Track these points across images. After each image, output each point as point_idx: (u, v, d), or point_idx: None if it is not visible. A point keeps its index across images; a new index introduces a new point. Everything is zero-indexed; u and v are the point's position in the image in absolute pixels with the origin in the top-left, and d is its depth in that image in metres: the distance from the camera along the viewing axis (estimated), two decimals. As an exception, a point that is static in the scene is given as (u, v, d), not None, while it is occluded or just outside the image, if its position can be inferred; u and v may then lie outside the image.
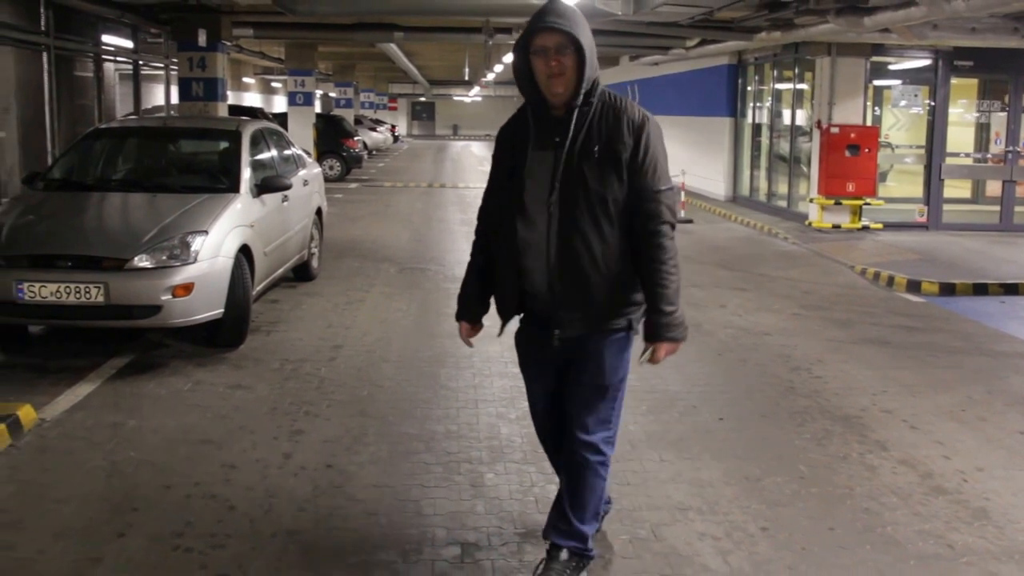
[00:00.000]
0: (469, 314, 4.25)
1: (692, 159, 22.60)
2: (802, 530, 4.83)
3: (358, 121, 37.09)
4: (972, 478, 5.58)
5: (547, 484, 5.22)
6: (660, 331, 3.86)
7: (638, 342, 4.01)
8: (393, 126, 50.21)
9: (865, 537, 4.77)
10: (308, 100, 26.22)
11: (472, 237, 4.27)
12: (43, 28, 13.06)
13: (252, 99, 41.82)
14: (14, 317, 7.36)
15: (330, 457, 5.57)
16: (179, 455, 5.59)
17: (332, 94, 41.58)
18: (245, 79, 41.25)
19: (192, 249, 7.32)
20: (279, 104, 46.06)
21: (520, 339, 4.21)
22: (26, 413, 6.00)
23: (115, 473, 5.33)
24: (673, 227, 3.89)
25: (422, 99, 71.63)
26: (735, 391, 7.17)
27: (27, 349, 7.95)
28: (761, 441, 6.11)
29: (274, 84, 48.55)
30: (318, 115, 27.73)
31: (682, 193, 18.68)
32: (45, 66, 13.20)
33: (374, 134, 39.71)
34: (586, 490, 4.06)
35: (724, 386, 7.28)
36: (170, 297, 7.11)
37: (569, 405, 4.07)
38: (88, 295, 7.00)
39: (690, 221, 17.63)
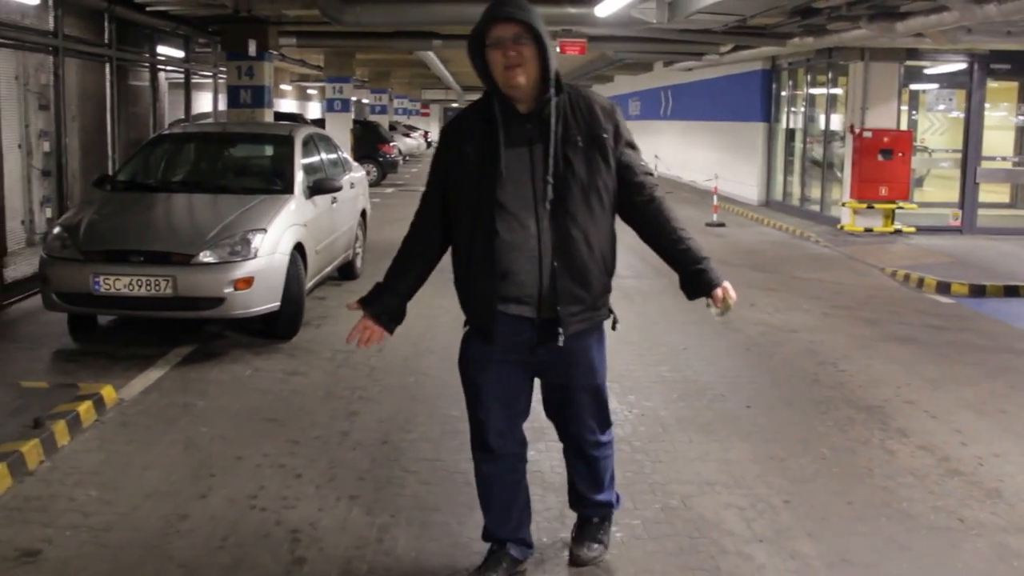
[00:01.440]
0: (378, 304, 3.96)
1: (725, 164, 22.88)
2: (822, 504, 5.20)
3: (392, 127, 37.66)
4: (988, 463, 5.88)
5: (586, 460, 5.66)
6: (712, 277, 3.91)
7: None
8: (426, 132, 50.78)
9: (881, 511, 5.13)
10: (346, 106, 26.74)
11: None
12: (106, 41, 13.65)
13: (288, 105, 42.37)
14: (90, 308, 7.94)
15: (385, 435, 6.03)
16: (247, 431, 6.10)
17: (365, 100, 42.13)
18: (282, 86, 41.89)
19: (252, 246, 7.81)
20: (313, 110, 46.76)
21: (477, 347, 3.89)
22: (108, 393, 6.55)
23: (191, 446, 5.85)
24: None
25: (454, 105, 72.14)
26: (762, 382, 7.53)
27: (97, 338, 8.50)
28: (786, 426, 6.48)
29: (309, 91, 49.19)
30: (355, 121, 28.24)
31: (715, 197, 19.00)
32: (107, 76, 13.78)
33: (408, 140, 40.24)
34: (602, 473, 4.25)
35: (752, 377, 7.64)
36: (232, 290, 7.61)
37: (565, 413, 4.08)
38: (158, 288, 7.52)
39: (722, 224, 17.95)
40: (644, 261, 13.25)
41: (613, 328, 3.99)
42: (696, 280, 3.93)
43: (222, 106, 19.69)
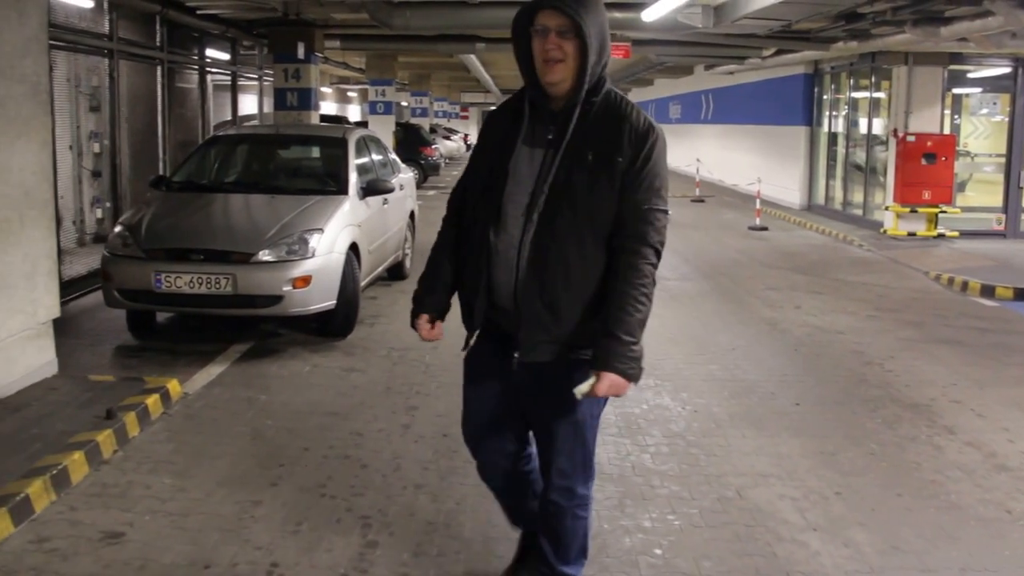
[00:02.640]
0: (431, 305, 3.65)
1: (767, 167, 22.89)
2: (872, 495, 5.33)
3: (432, 130, 37.88)
4: (1035, 459, 5.99)
5: (641, 454, 5.86)
6: (610, 359, 3.25)
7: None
8: (465, 135, 50.98)
9: (930, 503, 5.25)
10: (388, 109, 26.98)
11: None
12: (158, 43, 13.92)
13: (328, 108, 42.77)
14: (152, 305, 8.15)
15: (445, 428, 6.18)
16: (311, 424, 6.27)
17: (405, 103, 42.43)
18: (322, 88, 42.24)
19: (310, 245, 7.99)
20: (353, 113, 47.09)
21: (472, 354, 3.71)
22: (173, 387, 6.75)
23: (258, 437, 6.04)
24: (658, 255, 3.39)
25: (493, 108, 72.26)
26: (810, 381, 7.62)
27: (155, 334, 8.73)
28: (835, 423, 6.58)
29: (349, 93, 49.55)
30: (398, 124, 28.47)
31: (757, 201, 19.05)
32: (158, 78, 14.06)
33: (448, 143, 40.48)
34: (566, 535, 3.73)
35: (800, 376, 7.73)
36: (290, 288, 7.79)
37: (539, 446, 3.70)
38: (218, 285, 7.71)
39: (765, 228, 18.00)
40: (688, 263, 13.38)
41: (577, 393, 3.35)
42: (599, 350, 3.29)
43: (267, 108, 19.98)
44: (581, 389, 3.30)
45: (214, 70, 17.55)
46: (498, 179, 3.40)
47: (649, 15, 13.19)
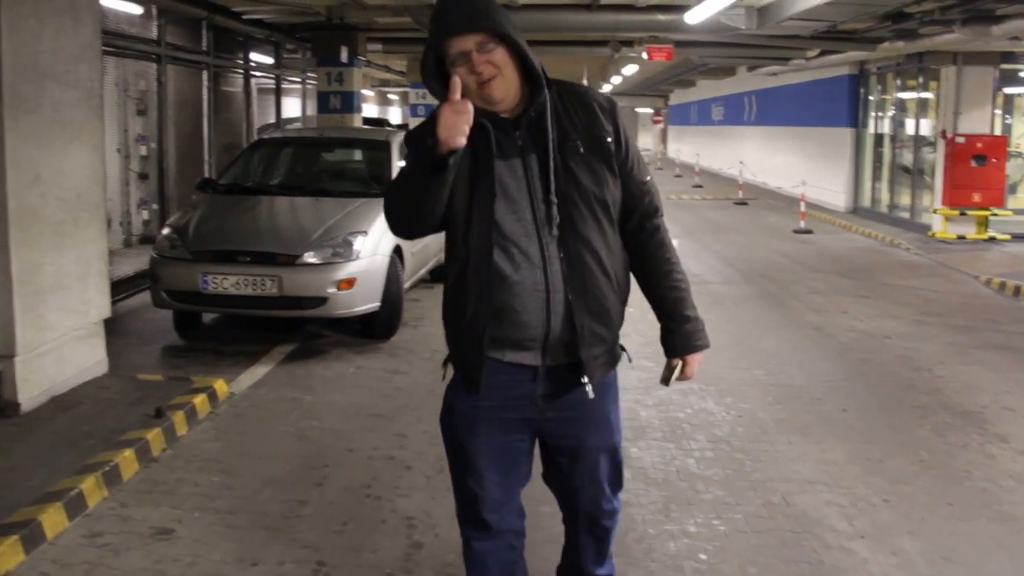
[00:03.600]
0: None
1: (811, 170, 22.73)
2: (921, 504, 5.27)
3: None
4: (1092, 469, 5.90)
5: (686, 458, 5.84)
6: (692, 340, 3.22)
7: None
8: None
9: (982, 512, 5.18)
10: (429, 111, 27.00)
11: None
12: (204, 48, 14.08)
13: (369, 110, 42.89)
14: (199, 306, 8.26)
15: (489, 431, 6.19)
16: (355, 425, 6.32)
17: (444, 105, 42.50)
18: (364, 91, 42.42)
19: (354, 248, 8.05)
20: (394, 115, 47.28)
21: (466, 401, 3.16)
22: (220, 386, 6.85)
23: (303, 437, 6.10)
24: None
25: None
26: (857, 387, 7.56)
27: (202, 335, 8.84)
28: (883, 429, 6.53)
29: (390, 96, 49.71)
30: (439, 126, 28.46)
31: (802, 203, 18.94)
32: (204, 83, 14.22)
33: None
34: (609, 543, 3.53)
35: (847, 382, 7.67)
36: (335, 290, 7.85)
37: (577, 480, 3.30)
38: (264, 287, 7.79)
39: (810, 231, 17.89)
40: (731, 267, 13.33)
41: (629, 361, 3.36)
42: (676, 336, 3.23)
43: (310, 111, 20.14)
44: (674, 378, 3.24)
45: (258, 74, 17.73)
46: (485, 199, 2.99)
47: (692, 17, 13.14)
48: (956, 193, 16.48)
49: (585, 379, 3.06)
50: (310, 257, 7.92)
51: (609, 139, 3.06)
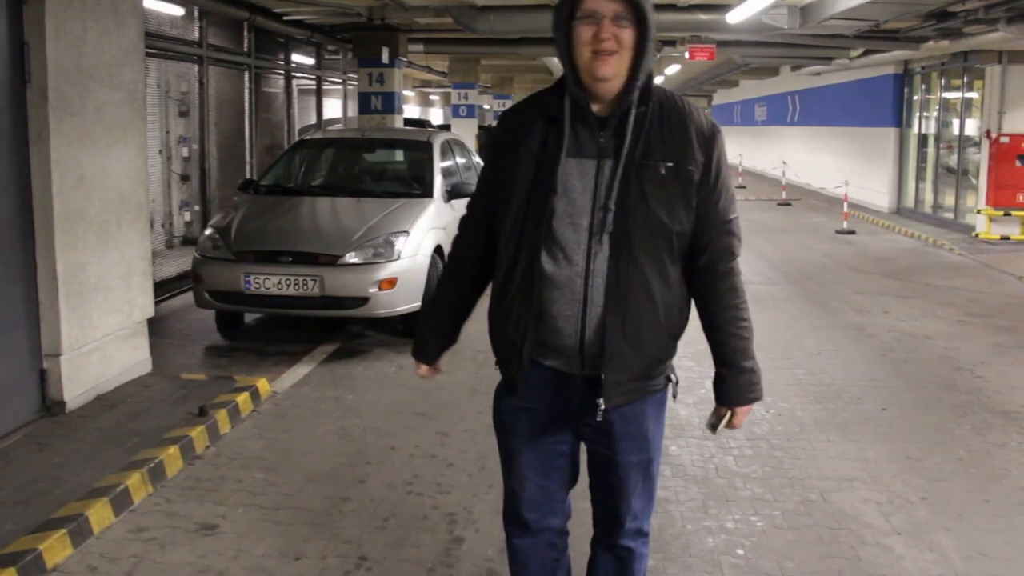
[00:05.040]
0: (427, 353, 3.42)
1: (854, 170, 22.61)
2: (959, 501, 5.26)
3: (514, 132, 37.83)
4: None
5: (725, 456, 5.86)
6: (744, 392, 3.05)
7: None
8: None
9: (1019, 509, 5.17)
10: (471, 112, 27.13)
11: None
12: (246, 49, 14.22)
13: (410, 111, 43.14)
14: (241, 306, 8.34)
15: (530, 430, 6.23)
16: (397, 424, 6.37)
17: (487, 106, 42.62)
18: (405, 92, 42.62)
19: (396, 248, 8.10)
20: (435, 116, 47.47)
21: (508, 403, 3.11)
22: (263, 385, 6.94)
23: (345, 435, 6.16)
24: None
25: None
26: (897, 386, 7.53)
27: (244, 335, 8.94)
28: (922, 428, 6.51)
29: (432, 96, 49.93)
30: (480, 127, 28.61)
31: (845, 204, 18.84)
32: (246, 83, 14.36)
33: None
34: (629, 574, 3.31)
35: (887, 382, 7.64)
36: (377, 290, 7.91)
37: (605, 491, 3.18)
38: (306, 287, 7.86)
39: (853, 232, 17.79)
40: (774, 267, 13.29)
41: (674, 398, 3.14)
42: (728, 386, 3.06)
43: (351, 112, 20.26)
44: (719, 428, 3.11)
45: (299, 75, 17.85)
46: (543, 197, 2.83)
47: (734, 17, 13.12)
48: (1000, 193, 16.36)
49: (600, 401, 2.87)
50: (352, 257, 7.99)
51: (692, 168, 2.83)
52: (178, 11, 12.00)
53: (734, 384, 3.04)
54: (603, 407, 2.88)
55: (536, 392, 2.98)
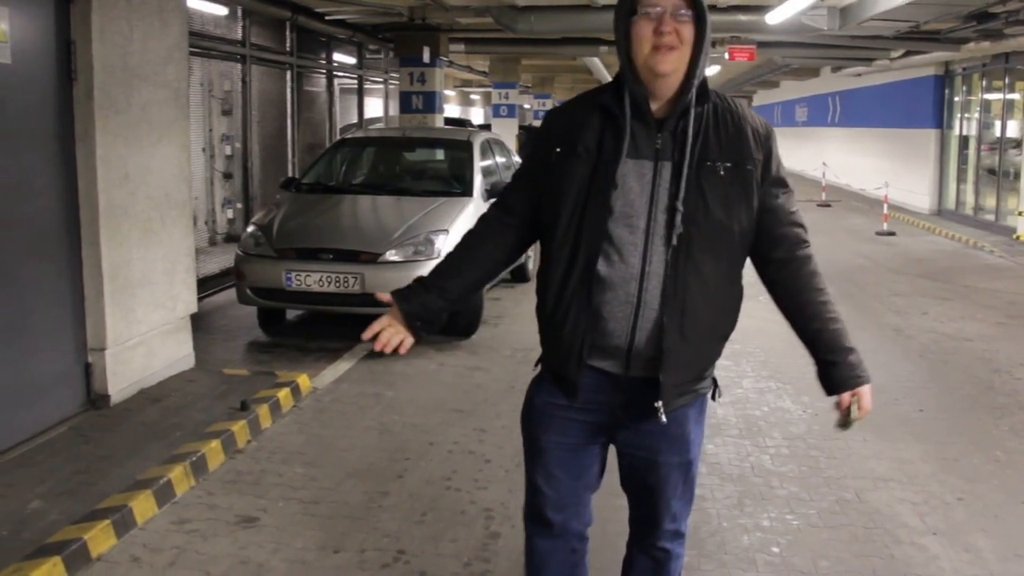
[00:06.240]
0: (410, 298, 3.05)
1: (894, 171, 22.48)
2: (996, 502, 5.25)
3: (555, 132, 37.82)
4: None
5: (761, 455, 5.88)
6: (858, 370, 3.00)
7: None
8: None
9: (1059, 512, 5.16)
10: (511, 112, 27.14)
11: None
12: (288, 48, 14.36)
13: (451, 110, 43.22)
14: (283, 302, 8.47)
15: (565, 427, 6.28)
16: (436, 420, 6.44)
17: (527, 105, 42.62)
18: (446, 91, 42.73)
19: (435, 246, 8.17)
20: (476, 115, 47.56)
21: (547, 398, 3.02)
22: (303, 381, 7.02)
23: (385, 431, 6.23)
24: None
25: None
26: (936, 387, 7.51)
27: (285, 331, 9.06)
28: (959, 429, 6.49)
29: (472, 96, 50.01)
30: (520, 126, 28.63)
31: (885, 205, 18.74)
32: (288, 83, 14.50)
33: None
34: None
35: (925, 383, 7.63)
36: (417, 288, 7.95)
37: (644, 493, 3.11)
38: (346, 284, 7.95)
39: (892, 233, 17.70)
40: (812, 267, 13.20)
41: (713, 398, 3.09)
42: (841, 371, 3.01)
43: (392, 111, 20.38)
44: (854, 416, 3.01)
45: (341, 74, 17.98)
46: (602, 197, 2.78)
47: (773, 17, 13.11)
48: (1043, 195, 16.20)
49: (660, 404, 2.82)
50: (392, 255, 8.06)
51: (752, 167, 2.82)
52: (222, 11, 12.13)
53: (847, 366, 2.98)
54: (662, 410, 2.82)
55: (582, 391, 2.91)
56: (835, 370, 2.99)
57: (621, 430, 2.98)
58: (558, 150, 2.89)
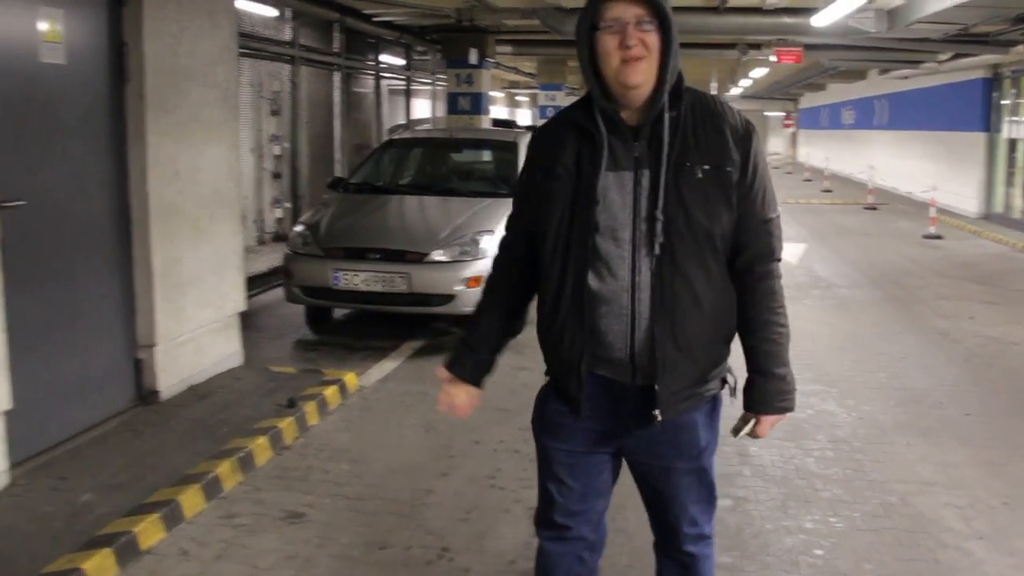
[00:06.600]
0: (463, 366, 3.26)
1: (942, 174, 22.27)
2: (1044, 508, 5.23)
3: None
4: None
5: (805, 458, 5.88)
6: (772, 399, 2.95)
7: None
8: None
9: (1107, 517, 5.12)
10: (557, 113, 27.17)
11: None
12: (336, 50, 14.48)
13: (498, 112, 43.30)
14: (330, 301, 8.58)
15: (610, 428, 6.31)
16: (482, 419, 6.45)
17: (574, 107, 42.62)
18: (493, 92, 42.81)
19: (481, 246, 8.23)
20: (522, 117, 47.61)
21: (554, 408, 3.04)
22: (350, 379, 7.11)
23: (430, 429, 6.29)
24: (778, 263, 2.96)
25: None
26: (981, 391, 7.46)
27: (332, 330, 9.16)
28: (1006, 434, 6.45)
29: (519, 97, 50.06)
30: (568, 128, 28.61)
31: (932, 208, 18.58)
32: (337, 84, 14.62)
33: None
34: None
35: (971, 387, 7.57)
36: (463, 288, 8.04)
37: (659, 500, 3.10)
38: (393, 284, 8.03)
39: (940, 237, 17.55)
40: (859, 271, 13.18)
41: (732, 395, 3.02)
42: (756, 391, 2.96)
43: (439, 112, 20.47)
44: (742, 433, 2.99)
45: (388, 75, 18.09)
46: (586, 213, 2.77)
47: (819, 20, 13.04)
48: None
49: (657, 412, 2.80)
50: (438, 255, 8.13)
51: (731, 168, 2.77)
52: (271, 12, 12.26)
53: (763, 390, 2.94)
54: (660, 419, 2.80)
55: (588, 401, 2.90)
56: (752, 389, 2.96)
57: (629, 438, 2.96)
58: (539, 175, 2.90)
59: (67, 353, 5.70)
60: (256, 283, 10.27)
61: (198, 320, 6.84)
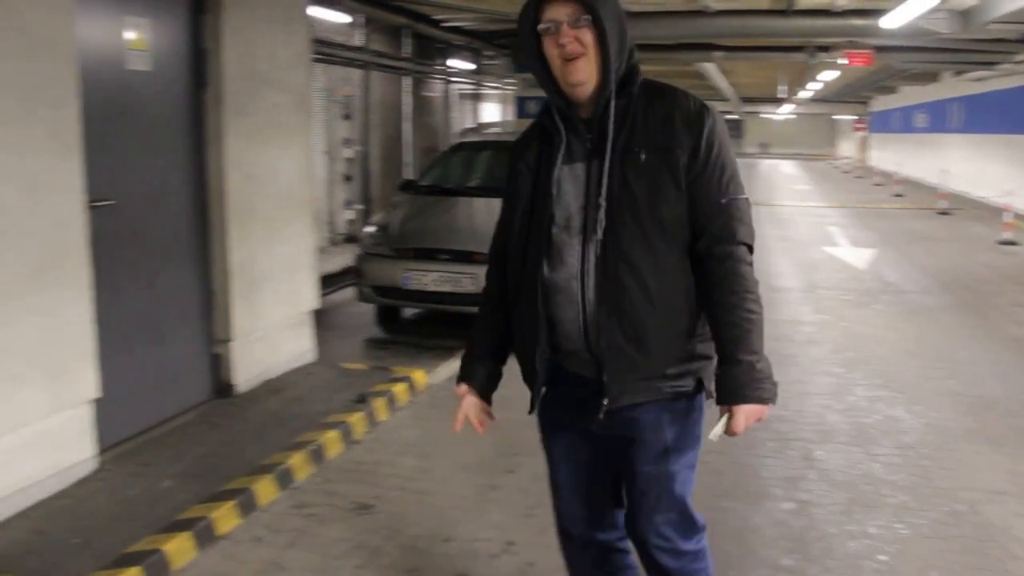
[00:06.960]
0: (475, 376, 3.22)
1: (1018, 179, 21.95)
2: (1119, 520, 5.16)
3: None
4: None
5: (872, 463, 5.85)
6: (740, 389, 2.75)
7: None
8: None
9: None
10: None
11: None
12: (406, 55, 14.65)
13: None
14: (400, 301, 8.73)
15: (672, 428, 6.34)
16: (546, 418, 6.55)
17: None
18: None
19: (545, 246, 8.27)
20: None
21: (545, 404, 3.05)
22: (419, 377, 7.24)
23: (496, 427, 6.19)
24: (751, 249, 2.84)
25: (730, 116, 70.31)
26: (1057, 400, 7.38)
27: (401, 329, 9.29)
28: (1081, 443, 6.38)
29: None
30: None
31: (1007, 214, 18.30)
32: (406, 88, 14.80)
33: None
34: None
35: (1046, 396, 7.50)
36: (528, 289, 8.09)
37: (629, 502, 3.06)
38: (461, 284, 8.15)
39: (1015, 243, 17.28)
40: (930, 276, 13.03)
41: (708, 396, 2.93)
42: (723, 381, 2.80)
43: (508, 116, 20.60)
44: (716, 432, 2.76)
45: (457, 79, 18.24)
46: (542, 206, 2.86)
47: (887, 22, 12.91)
48: None
49: (605, 401, 2.79)
50: (505, 256, 8.19)
51: (679, 151, 2.75)
52: (344, 19, 12.46)
53: (729, 378, 2.76)
54: (606, 406, 2.79)
55: (563, 399, 2.98)
56: (720, 380, 2.81)
57: (607, 439, 2.97)
58: (509, 178, 3.00)
59: (150, 347, 5.90)
60: (328, 283, 10.44)
61: (272, 317, 7.00)
